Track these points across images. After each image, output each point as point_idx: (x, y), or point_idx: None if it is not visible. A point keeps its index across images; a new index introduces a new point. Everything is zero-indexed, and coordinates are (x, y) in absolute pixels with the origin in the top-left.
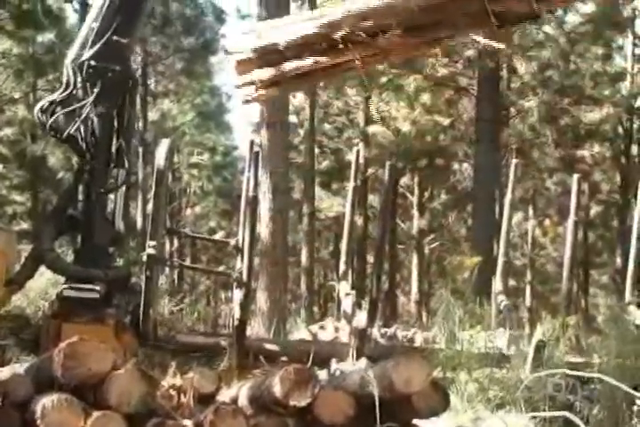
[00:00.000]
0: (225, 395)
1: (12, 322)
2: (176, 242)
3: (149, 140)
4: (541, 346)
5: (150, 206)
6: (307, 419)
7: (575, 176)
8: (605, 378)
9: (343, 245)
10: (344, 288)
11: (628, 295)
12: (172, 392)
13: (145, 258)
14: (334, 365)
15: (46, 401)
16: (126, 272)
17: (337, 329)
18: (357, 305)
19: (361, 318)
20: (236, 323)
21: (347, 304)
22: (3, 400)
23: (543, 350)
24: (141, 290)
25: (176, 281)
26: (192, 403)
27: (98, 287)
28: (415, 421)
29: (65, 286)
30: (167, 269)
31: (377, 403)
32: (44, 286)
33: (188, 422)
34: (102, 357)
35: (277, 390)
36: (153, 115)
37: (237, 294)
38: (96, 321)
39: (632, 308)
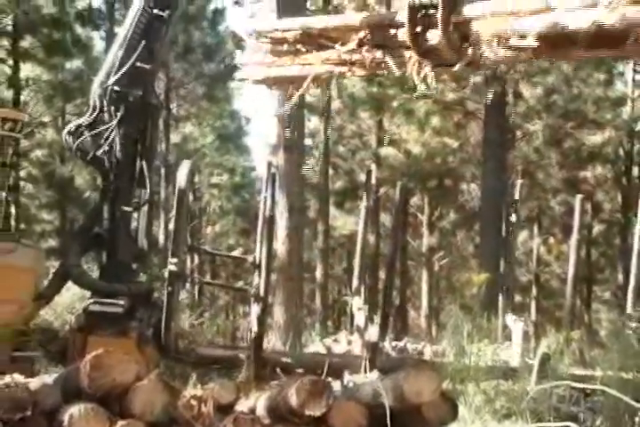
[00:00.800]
0: (243, 405)
1: (40, 335)
2: (196, 259)
3: (172, 161)
4: (546, 359)
5: (172, 225)
6: None
7: (578, 196)
8: (608, 390)
9: (356, 262)
10: (357, 303)
11: (629, 310)
12: (193, 402)
13: (167, 274)
14: (347, 376)
15: (73, 410)
16: (149, 287)
17: (350, 342)
18: (369, 319)
19: (373, 332)
20: (254, 336)
21: (359, 318)
22: (32, 409)
23: (548, 363)
24: (163, 304)
25: (196, 296)
26: (212, 412)
27: (122, 302)
28: None
29: (90, 300)
30: (188, 285)
31: (388, 413)
32: (70, 300)
33: None
34: (126, 368)
35: (293, 400)
36: (175, 137)
37: (255, 309)
38: (120, 334)
39: (633, 323)
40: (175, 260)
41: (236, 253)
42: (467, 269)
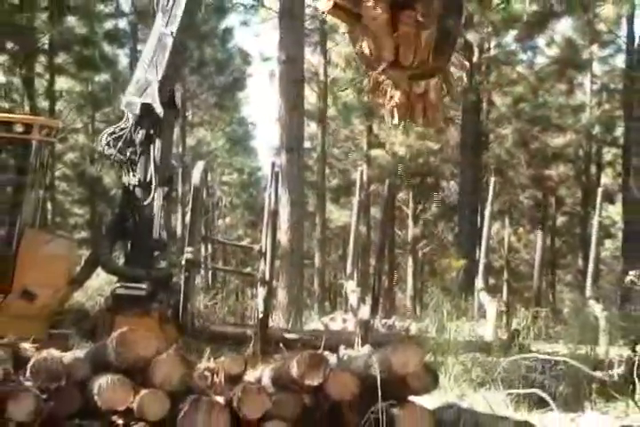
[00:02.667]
0: (250, 376)
1: (73, 315)
2: (210, 248)
3: (187, 162)
4: (516, 334)
5: (188, 218)
6: (319, 396)
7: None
8: (570, 361)
9: (350, 250)
10: (350, 286)
11: (588, 291)
12: (207, 373)
13: (184, 261)
14: (342, 350)
15: (102, 381)
16: (168, 273)
17: (345, 320)
18: (362, 300)
19: (364, 311)
20: (260, 316)
21: (353, 299)
22: (66, 380)
23: (517, 337)
24: (181, 288)
25: (210, 280)
26: (223, 382)
27: (144, 286)
28: (410, 397)
29: (117, 284)
30: (202, 271)
31: (379, 382)
32: (100, 284)
33: (219, 398)
34: (148, 344)
35: (295, 371)
36: (190, 141)
37: (261, 292)
38: (143, 314)
39: (592, 302)
40: (191, 249)
41: (245, 242)
42: (446, 255)
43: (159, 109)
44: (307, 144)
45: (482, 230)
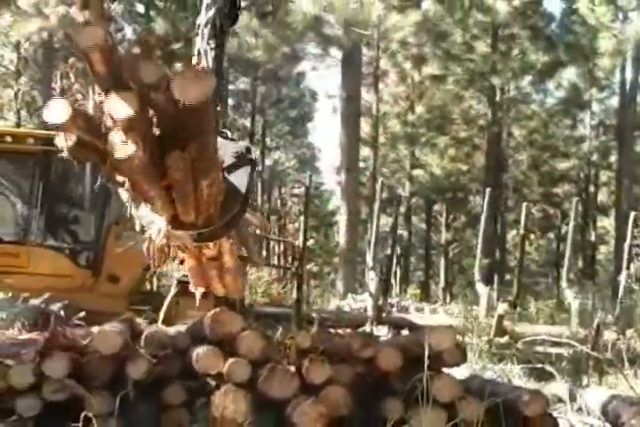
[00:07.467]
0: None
1: (148, 295)
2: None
3: (265, 178)
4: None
5: None
6: (370, 366)
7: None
8: (572, 342)
9: (371, 247)
10: (371, 275)
11: (563, 283)
12: (281, 347)
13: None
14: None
15: (199, 350)
16: None
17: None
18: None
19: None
20: (295, 300)
21: (371, 286)
22: (172, 349)
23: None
24: None
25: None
26: (294, 354)
27: None
28: (444, 369)
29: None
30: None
31: (426, 356)
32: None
33: (291, 367)
34: (235, 322)
35: (354, 346)
36: (268, 161)
37: (295, 281)
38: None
39: (567, 291)
40: None
41: (309, 243)
42: (471, 255)
43: None
44: (361, 164)
45: (501, 236)
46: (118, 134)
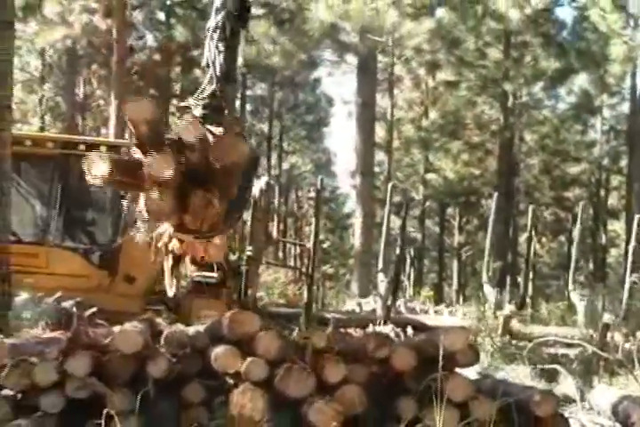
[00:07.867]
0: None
1: (163, 295)
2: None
3: (283, 181)
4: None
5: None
6: (384, 366)
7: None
8: (582, 343)
9: (381, 250)
10: (380, 277)
11: (570, 285)
12: (297, 347)
13: (245, 257)
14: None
15: (218, 350)
16: (236, 265)
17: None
18: (388, 289)
19: (388, 298)
20: (305, 301)
21: (381, 288)
22: (191, 348)
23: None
24: (243, 278)
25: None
26: (310, 354)
27: (216, 275)
28: (457, 369)
29: (196, 273)
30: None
31: (440, 356)
32: (183, 273)
33: (307, 366)
34: (253, 322)
35: (369, 347)
36: (285, 165)
37: (305, 282)
38: (215, 297)
39: (572, 293)
40: (250, 247)
41: (325, 245)
42: (484, 258)
43: None
44: (376, 169)
45: (513, 239)
46: (153, 190)
